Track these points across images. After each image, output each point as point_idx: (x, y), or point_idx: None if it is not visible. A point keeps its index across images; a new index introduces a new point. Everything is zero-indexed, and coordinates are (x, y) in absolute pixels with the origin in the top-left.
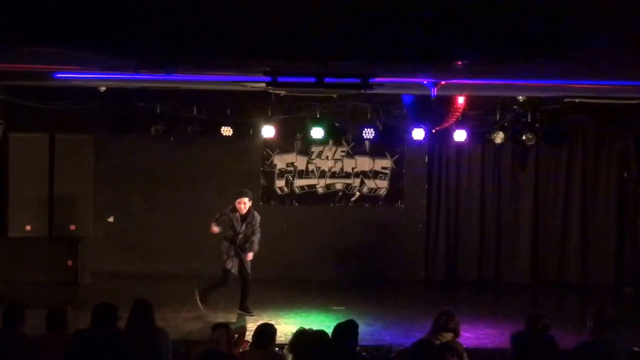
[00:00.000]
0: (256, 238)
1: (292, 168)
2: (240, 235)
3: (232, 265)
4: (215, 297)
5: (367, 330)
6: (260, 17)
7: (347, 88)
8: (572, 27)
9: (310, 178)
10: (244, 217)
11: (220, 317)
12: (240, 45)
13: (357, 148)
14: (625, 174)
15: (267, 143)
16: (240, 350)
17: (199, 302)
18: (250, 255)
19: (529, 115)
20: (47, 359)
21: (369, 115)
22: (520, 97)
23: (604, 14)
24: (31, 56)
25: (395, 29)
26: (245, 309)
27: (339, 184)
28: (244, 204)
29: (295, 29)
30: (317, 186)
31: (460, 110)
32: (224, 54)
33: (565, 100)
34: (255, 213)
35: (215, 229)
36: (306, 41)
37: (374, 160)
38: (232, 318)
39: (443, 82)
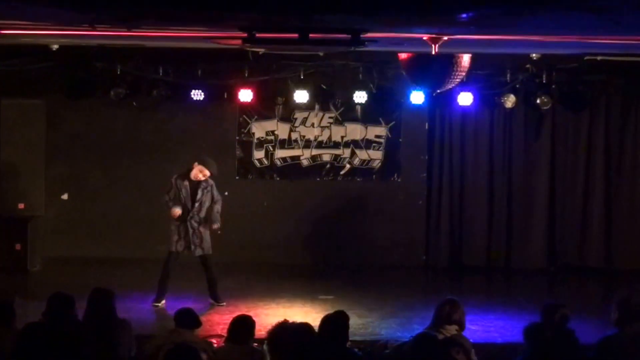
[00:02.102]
0: (219, 205)
1: (272, 137)
2: (196, 205)
3: (183, 247)
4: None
5: (360, 323)
6: None
7: (335, 45)
8: None
9: (293, 148)
10: (195, 184)
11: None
12: None
13: (347, 114)
14: None
15: (243, 109)
16: (215, 345)
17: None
18: (216, 225)
19: (544, 76)
20: None
21: (360, 76)
22: (533, 55)
23: None
24: None
25: None
26: (216, 297)
27: (326, 155)
28: (203, 174)
29: None
30: (302, 158)
31: (465, 70)
32: (193, 5)
33: (586, 57)
34: (210, 179)
35: (177, 210)
36: None
37: (366, 127)
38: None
39: (445, 38)
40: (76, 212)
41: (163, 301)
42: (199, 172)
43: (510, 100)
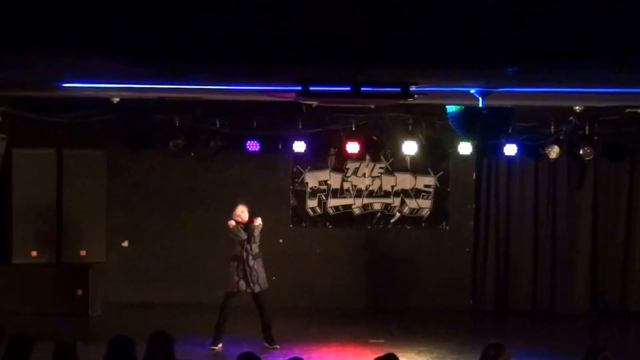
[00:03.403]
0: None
1: (325, 186)
2: (253, 245)
3: (244, 286)
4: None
5: None
6: (290, 20)
7: (386, 98)
8: (632, 31)
9: (345, 197)
10: (248, 224)
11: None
12: (268, 51)
13: (397, 164)
14: None
15: (297, 159)
16: None
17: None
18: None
19: (587, 127)
20: None
21: (410, 127)
22: (576, 107)
23: None
24: (38, 65)
25: (439, 33)
26: (270, 340)
27: (377, 204)
28: (244, 212)
29: (329, 33)
30: (353, 206)
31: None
32: (249, 61)
33: (627, 110)
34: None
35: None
36: (341, 46)
37: (415, 177)
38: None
39: (492, 91)
40: (136, 258)
41: (220, 344)
42: (242, 215)
43: (554, 151)
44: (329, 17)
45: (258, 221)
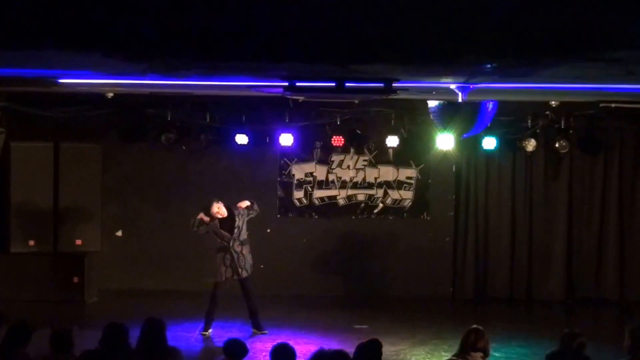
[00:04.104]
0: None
1: (311, 178)
2: (235, 230)
3: (230, 274)
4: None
5: (392, 350)
6: (278, 19)
7: (369, 93)
8: (607, 28)
9: (330, 189)
10: (229, 218)
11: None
12: (256, 47)
13: (380, 157)
14: None
15: (284, 152)
16: None
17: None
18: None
19: (563, 122)
20: None
21: (392, 122)
22: (553, 102)
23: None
24: (35, 60)
25: (421, 30)
26: (258, 326)
27: (361, 195)
28: (220, 208)
29: (315, 31)
30: (338, 197)
31: (490, 117)
32: (239, 56)
33: (601, 105)
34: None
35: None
36: (326, 43)
37: (398, 169)
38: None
39: (471, 86)
40: (129, 247)
41: (210, 330)
42: (219, 211)
43: (531, 145)
44: (315, 16)
45: (245, 204)
